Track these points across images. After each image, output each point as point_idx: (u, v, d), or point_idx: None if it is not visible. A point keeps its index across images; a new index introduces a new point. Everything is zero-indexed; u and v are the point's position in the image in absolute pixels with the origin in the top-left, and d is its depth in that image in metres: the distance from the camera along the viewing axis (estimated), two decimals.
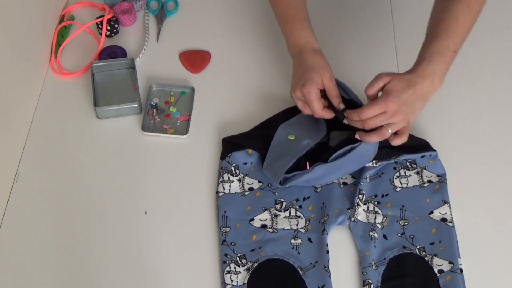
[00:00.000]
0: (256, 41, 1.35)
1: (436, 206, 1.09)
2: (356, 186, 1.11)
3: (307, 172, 1.05)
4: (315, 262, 1.04)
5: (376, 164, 1.11)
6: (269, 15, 1.39)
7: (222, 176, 1.12)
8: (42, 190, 1.13)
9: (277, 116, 1.19)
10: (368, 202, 1.10)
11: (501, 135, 1.20)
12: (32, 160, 1.17)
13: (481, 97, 1.25)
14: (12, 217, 1.10)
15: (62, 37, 1.33)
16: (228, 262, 1.04)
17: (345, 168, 1.08)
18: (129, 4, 1.36)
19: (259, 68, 1.30)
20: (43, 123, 1.21)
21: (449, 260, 1.03)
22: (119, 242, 1.07)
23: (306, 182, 1.09)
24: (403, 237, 1.07)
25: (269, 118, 1.19)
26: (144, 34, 1.35)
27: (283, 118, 1.16)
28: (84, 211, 1.11)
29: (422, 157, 1.13)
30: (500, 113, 1.23)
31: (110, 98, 1.23)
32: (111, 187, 1.13)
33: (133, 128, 1.21)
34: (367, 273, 1.03)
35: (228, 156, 1.14)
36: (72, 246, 1.07)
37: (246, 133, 1.17)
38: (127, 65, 1.27)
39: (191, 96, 1.24)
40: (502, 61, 1.31)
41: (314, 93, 1.04)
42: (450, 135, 1.19)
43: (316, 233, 1.07)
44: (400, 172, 1.12)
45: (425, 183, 1.11)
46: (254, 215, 1.09)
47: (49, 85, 1.27)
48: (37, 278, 1.04)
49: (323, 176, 1.07)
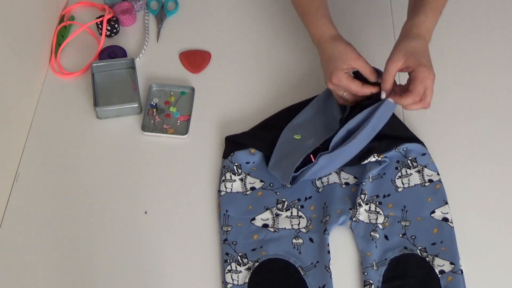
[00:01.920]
0: (256, 41, 1.35)
1: (437, 206, 1.09)
2: (358, 186, 1.10)
3: (313, 164, 1.05)
4: (316, 262, 1.04)
5: (378, 157, 1.11)
6: (269, 15, 1.39)
7: (224, 175, 1.12)
8: (42, 190, 1.13)
9: (279, 114, 1.19)
10: (370, 203, 1.10)
11: (494, 134, 1.20)
12: (32, 160, 1.16)
13: (474, 96, 1.25)
14: (12, 217, 1.10)
15: (62, 37, 1.33)
16: (229, 261, 1.04)
17: (349, 152, 1.07)
18: (129, 4, 1.36)
19: (259, 68, 1.30)
20: (43, 123, 1.21)
21: (450, 261, 1.03)
22: (119, 242, 1.07)
23: (313, 175, 1.09)
24: (404, 238, 1.06)
25: (271, 116, 1.19)
26: (144, 34, 1.35)
27: (285, 116, 1.17)
28: (84, 211, 1.10)
29: (423, 155, 1.13)
30: (493, 112, 1.23)
31: (110, 98, 1.23)
32: (111, 187, 1.13)
33: (133, 128, 1.21)
34: (368, 273, 1.03)
35: (231, 155, 1.13)
36: (72, 246, 1.07)
37: (249, 132, 1.17)
38: (127, 65, 1.27)
39: (191, 96, 1.24)
40: (494, 60, 1.31)
41: (344, 78, 1.06)
42: (443, 135, 1.19)
43: (318, 233, 1.07)
44: (401, 172, 1.12)
45: (426, 182, 1.11)
46: (255, 214, 1.09)
47: (49, 85, 1.26)
48: (37, 278, 1.04)
49: (329, 164, 1.07)
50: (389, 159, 1.12)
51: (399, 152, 1.13)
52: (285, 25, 1.37)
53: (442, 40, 1.31)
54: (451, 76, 1.27)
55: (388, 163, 1.12)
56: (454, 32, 1.34)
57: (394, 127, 1.14)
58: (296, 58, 1.32)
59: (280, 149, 1.12)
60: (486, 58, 1.31)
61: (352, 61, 1.07)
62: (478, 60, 1.31)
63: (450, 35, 1.33)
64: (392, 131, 1.13)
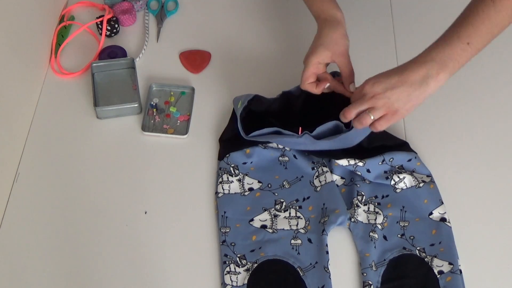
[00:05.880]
0: (256, 41, 1.35)
1: (434, 206, 1.09)
2: (355, 186, 1.11)
3: (297, 136, 1.07)
4: (315, 262, 1.04)
5: (363, 164, 1.10)
6: (269, 15, 1.39)
7: (221, 177, 1.12)
8: (42, 190, 1.13)
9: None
10: (369, 203, 1.10)
11: (489, 132, 1.20)
12: (32, 160, 1.16)
13: (469, 93, 1.25)
14: (12, 217, 1.10)
15: (62, 37, 1.33)
16: (228, 263, 1.04)
17: (330, 144, 1.08)
18: (129, 4, 1.36)
19: (259, 68, 1.30)
20: (43, 123, 1.21)
21: (449, 261, 1.03)
22: (119, 242, 1.07)
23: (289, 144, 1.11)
24: (403, 238, 1.07)
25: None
26: (144, 34, 1.35)
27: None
28: (84, 211, 1.11)
29: (408, 161, 1.13)
30: (486, 110, 1.23)
31: (110, 98, 1.23)
32: (111, 187, 1.13)
33: (133, 128, 1.21)
34: (367, 274, 1.03)
35: (227, 157, 1.14)
36: (72, 246, 1.07)
37: (229, 126, 1.18)
38: (127, 65, 1.27)
39: (191, 96, 1.24)
40: (483, 60, 1.30)
41: (310, 64, 1.05)
42: (431, 135, 1.19)
43: (316, 234, 1.07)
44: (394, 179, 1.11)
45: (420, 183, 1.11)
46: (254, 215, 1.09)
47: (49, 85, 1.27)
48: (37, 278, 1.04)
49: (310, 144, 1.09)
50: (376, 173, 1.11)
51: (386, 164, 1.12)
52: (285, 25, 1.37)
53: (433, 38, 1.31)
54: None
55: (378, 176, 1.12)
56: None
57: (379, 137, 1.12)
58: (296, 58, 1.31)
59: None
60: (476, 57, 1.31)
61: (336, 55, 1.04)
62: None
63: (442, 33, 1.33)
64: (377, 142, 1.13)
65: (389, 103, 0.95)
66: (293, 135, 1.08)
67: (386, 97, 0.94)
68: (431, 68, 0.93)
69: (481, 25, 0.92)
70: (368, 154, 1.11)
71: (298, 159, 1.14)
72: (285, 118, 1.14)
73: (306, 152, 1.14)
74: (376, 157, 1.11)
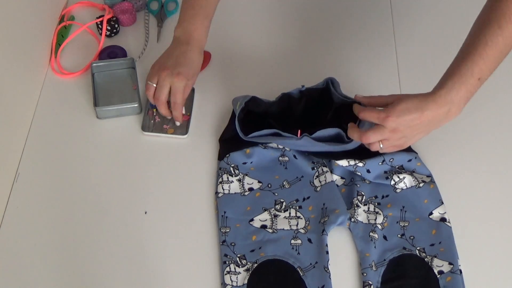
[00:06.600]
0: (256, 41, 1.35)
1: (434, 206, 1.09)
2: (355, 186, 1.11)
3: (296, 138, 1.07)
4: (315, 262, 1.04)
5: (363, 165, 1.10)
6: (269, 15, 1.39)
7: (221, 177, 1.12)
8: (42, 190, 1.13)
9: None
10: (369, 203, 1.10)
11: (489, 132, 1.20)
12: (32, 160, 1.16)
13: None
14: (12, 217, 1.10)
15: (62, 37, 1.33)
16: (228, 263, 1.04)
17: (329, 147, 1.08)
18: (129, 4, 1.36)
19: (259, 68, 1.30)
20: (43, 123, 1.21)
21: (449, 261, 1.03)
22: (119, 242, 1.07)
23: (289, 144, 1.12)
24: (403, 238, 1.07)
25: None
26: (144, 34, 1.35)
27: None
28: (84, 211, 1.11)
29: (409, 161, 1.13)
30: (486, 110, 1.23)
31: (110, 98, 1.23)
32: (111, 187, 1.13)
33: (133, 128, 1.21)
34: (367, 274, 1.03)
35: (227, 157, 1.14)
36: (72, 246, 1.07)
37: (229, 126, 1.18)
38: (127, 65, 1.27)
39: (191, 96, 1.24)
40: None
41: (183, 86, 1.11)
42: (431, 135, 1.18)
43: (316, 234, 1.07)
44: (394, 179, 1.11)
45: (420, 183, 1.11)
46: (254, 215, 1.09)
47: (49, 85, 1.27)
48: (37, 278, 1.04)
49: (309, 146, 1.09)
50: (376, 173, 1.11)
51: (386, 164, 1.12)
52: (285, 25, 1.37)
53: (433, 39, 1.31)
54: (437, 75, 1.26)
55: (378, 176, 1.12)
56: (447, 31, 1.34)
57: None
58: (296, 58, 1.32)
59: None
60: None
61: (191, 83, 1.14)
62: None
63: (442, 34, 1.33)
64: None
65: (404, 140, 0.99)
66: (292, 137, 1.08)
67: (403, 135, 0.98)
68: (450, 110, 0.96)
69: (491, 57, 0.94)
70: (368, 155, 1.11)
71: (298, 159, 1.14)
72: (285, 120, 1.15)
73: (306, 153, 1.14)
74: (376, 157, 1.11)
